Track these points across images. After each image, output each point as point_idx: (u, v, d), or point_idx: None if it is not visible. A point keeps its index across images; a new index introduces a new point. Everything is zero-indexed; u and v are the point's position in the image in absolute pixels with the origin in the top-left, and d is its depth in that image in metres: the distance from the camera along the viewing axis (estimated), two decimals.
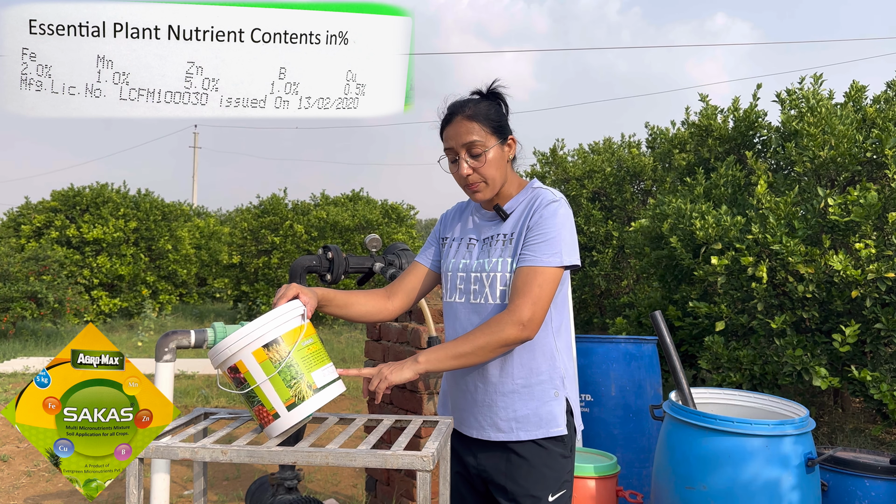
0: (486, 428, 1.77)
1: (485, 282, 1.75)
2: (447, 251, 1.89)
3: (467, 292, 1.79)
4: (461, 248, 1.85)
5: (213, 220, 18.09)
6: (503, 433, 1.75)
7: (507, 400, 1.74)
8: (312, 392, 1.62)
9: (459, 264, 1.82)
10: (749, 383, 4.19)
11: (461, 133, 1.73)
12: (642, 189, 7.39)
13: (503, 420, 1.74)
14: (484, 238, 1.81)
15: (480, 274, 1.76)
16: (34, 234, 12.05)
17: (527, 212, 1.75)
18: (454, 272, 1.83)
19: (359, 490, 4.02)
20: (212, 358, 1.67)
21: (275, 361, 1.60)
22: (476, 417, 1.78)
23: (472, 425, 1.80)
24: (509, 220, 1.78)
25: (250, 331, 1.62)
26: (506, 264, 1.73)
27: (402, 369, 1.66)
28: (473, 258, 1.80)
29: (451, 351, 1.66)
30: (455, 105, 1.78)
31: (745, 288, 4.24)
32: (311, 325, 1.69)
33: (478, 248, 1.81)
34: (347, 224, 11.05)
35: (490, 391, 1.75)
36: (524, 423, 1.73)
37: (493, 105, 1.78)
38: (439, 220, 1.99)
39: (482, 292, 1.76)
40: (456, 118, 1.75)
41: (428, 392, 3.18)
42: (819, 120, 4.32)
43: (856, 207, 3.80)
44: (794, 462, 2.40)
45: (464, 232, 1.88)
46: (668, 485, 2.56)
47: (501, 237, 1.77)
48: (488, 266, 1.76)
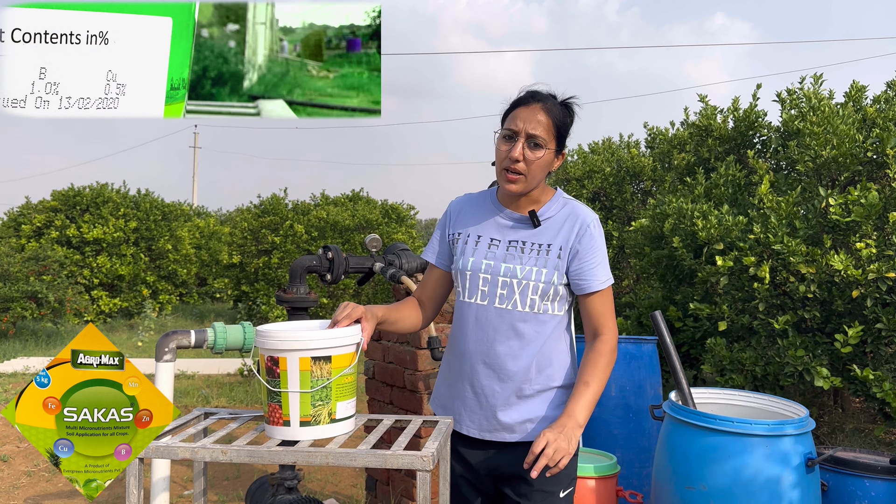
0: (499, 430, 1.77)
1: (515, 287, 1.73)
2: (461, 247, 1.83)
3: (492, 295, 1.75)
4: (480, 246, 1.79)
5: (214, 219, 18.08)
6: (517, 434, 1.76)
7: (524, 404, 1.75)
8: (329, 420, 1.63)
9: (481, 264, 1.77)
10: (751, 384, 4.19)
11: (533, 120, 1.70)
12: (642, 189, 7.38)
13: (518, 423, 1.76)
14: (510, 241, 1.77)
15: (510, 279, 1.73)
16: (34, 233, 12.05)
17: (569, 226, 1.75)
18: (474, 272, 1.77)
19: (359, 490, 4.02)
20: (260, 337, 1.66)
21: (314, 377, 1.60)
22: (490, 420, 1.78)
23: (485, 427, 1.79)
24: (546, 230, 1.76)
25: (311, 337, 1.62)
26: (541, 274, 1.72)
27: (572, 437, 1.61)
28: (499, 260, 1.76)
29: (592, 397, 1.69)
30: (538, 93, 1.75)
31: (747, 288, 4.24)
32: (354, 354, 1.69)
33: (502, 250, 1.77)
34: (347, 224, 11.05)
35: (509, 395, 1.75)
36: (540, 423, 1.76)
37: (567, 115, 1.77)
38: (446, 213, 1.92)
39: (510, 298, 1.73)
40: (534, 104, 1.72)
41: (428, 392, 3.17)
42: (821, 119, 4.32)
43: (856, 207, 3.80)
44: (794, 462, 2.40)
45: (482, 229, 1.82)
46: (668, 484, 2.56)
47: (537, 246, 1.75)
48: (521, 273, 1.73)
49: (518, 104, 1.74)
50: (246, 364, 7.10)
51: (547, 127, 1.71)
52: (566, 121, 1.76)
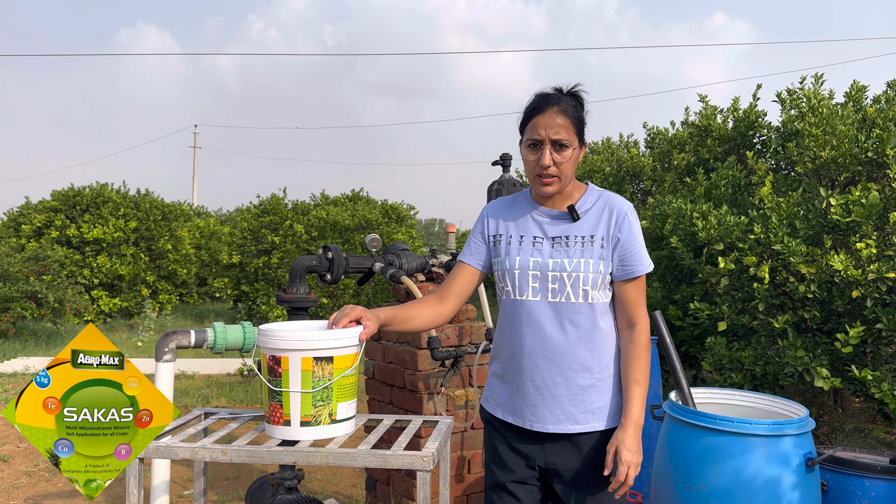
0: (563, 421, 1.83)
1: (566, 281, 1.80)
2: (503, 248, 1.89)
3: (544, 290, 1.82)
4: (525, 245, 1.86)
5: (213, 219, 18.08)
6: (580, 425, 1.83)
7: (586, 393, 1.82)
8: (329, 421, 1.64)
9: (529, 262, 1.83)
10: (750, 384, 4.19)
11: (553, 125, 1.77)
12: (642, 189, 7.39)
13: (581, 413, 1.83)
14: (553, 237, 1.84)
15: (560, 273, 1.80)
16: (34, 233, 12.05)
17: (607, 216, 1.83)
18: (522, 269, 1.83)
19: (359, 490, 4.02)
20: (263, 336, 1.66)
21: (316, 377, 1.60)
22: (553, 412, 1.83)
23: (548, 419, 1.84)
24: (585, 222, 1.84)
25: (314, 337, 1.62)
26: (588, 265, 1.80)
27: (637, 448, 1.76)
28: (546, 256, 1.83)
29: (644, 395, 1.80)
30: (549, 96, 1.81)
31: (747, 288, 4.24)
32: (356, 355, 1.69)
33: (547, 247, 1.84)
34: (347, 224, 11.05)
35: (571, 385, 1.82)
36: (598, 413, 1.83)
37: (579, 107, 1.84)
38: (482, 216, 1.98)
39: (563, 291, 1.80)
40: (549, 109, 1.78)
41: (428, 392, 3.18)
42: (821, 120, 4.32)
43: (856, 207, 3.80)
44: (794, 462, 2.40)
45: (522, 229, 1.88)
46: (668, 484, 2.56)
47: (580, 238, 1.82)
48: (570, 266, 1.80)
49: (534, 112, 1.81)
50: (246, 364, 7.10)
51: (567, 127, 1.78)
52: (580, 113, 1.83)
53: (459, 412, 3.24)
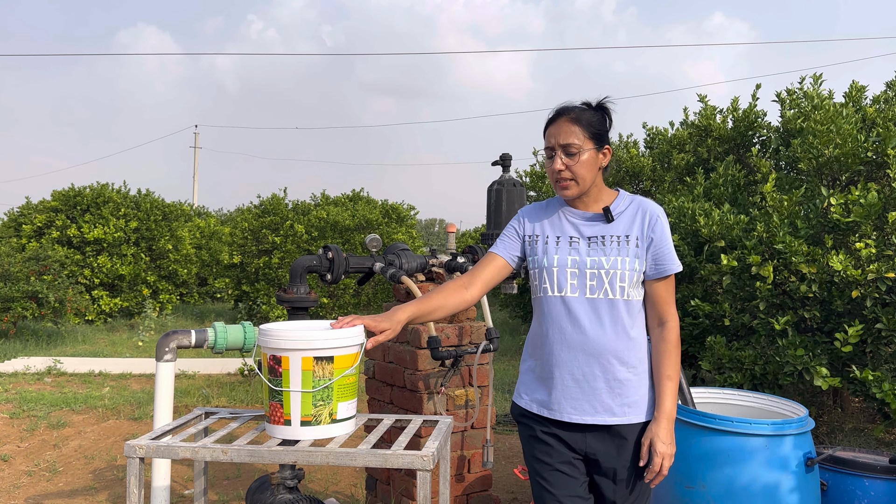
0: (601, 413, 1.90)
1: (604, 278, 1.89)
2: (539, 248, 1.98)
3: (582, 287, 1.90)
4: (562, 244, 1.94)
5: (214, 220, 18.08)
6: (617, 417, 1.90)
7: (623, 387, 1.90)
8: (329, 421, 1.64)
9: (567, 260, 1.92)
10: (750, 383, 4.19)
11: (561, 133, 1.89)
12: (641, 189, 7.38)
13: (619, 406, 1.90)
14: (589, 237, 1.93)
15: (598, 270, 1.89)
16: (35, 233, 12.05)
17: (640, 217, 1.93)
18: (561, 267, 1.92)
19: (359, 489, 4.03)
20: (263, 336, 1.66)
21: (316, 377, 1.61)
22: (592, 404, 1.90)
23: (587, 411, 1.91)
24: (619, 224, 1.93)
25: (314, 337, 1.62)
26: (625, 263, 1.89)
27: (670, 440, 1.88)
28: (583, 255, 1.91)
29: (676, 389, 1.92)
30: (562, 108, 1.93)
31: (748, 287, 4.25)
32: (357, 355, 1.70)
33: (584, 246, 1.92)
34: (347, 224, 11.05)
35: (609, 378, 1.89)
36: (634, 407, 1.91)
37: (598, 115, 1.93)
38: (518, 216, 2.07)
39: (601, 287, 1.89)
40: (560, 119, 1.91)
41: (428, 392, 3.18)
42: (825, 118, 4.32)
43: (856, 207, 3.80)
44: (794, 461, 2.40)
45: (557, 230, 1.97)
46: (668, 484, 2.57)
47: (616, 238, 1.91)
48: (607, 264, 1.89)
49: (548, 124, 1.94)
50: (247, 364, 7.10)
51: (576, 132, 1.88)
52: (597, 119, 1.92)
53: (459, 412, 3.25)
